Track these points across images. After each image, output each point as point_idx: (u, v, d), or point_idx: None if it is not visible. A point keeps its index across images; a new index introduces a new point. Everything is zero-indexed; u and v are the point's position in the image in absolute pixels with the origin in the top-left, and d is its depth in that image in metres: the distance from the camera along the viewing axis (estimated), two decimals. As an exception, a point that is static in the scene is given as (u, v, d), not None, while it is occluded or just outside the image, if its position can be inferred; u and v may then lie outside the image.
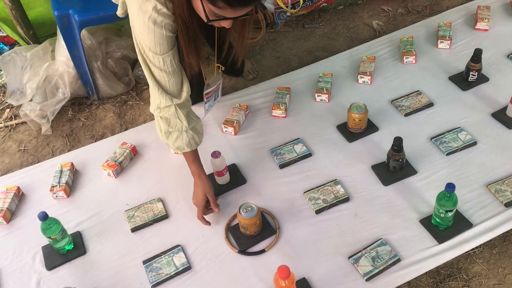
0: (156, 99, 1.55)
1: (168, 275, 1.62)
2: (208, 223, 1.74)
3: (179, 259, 1.66)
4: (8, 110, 2.55)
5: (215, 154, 1.81)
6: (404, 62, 2.34)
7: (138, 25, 1.42)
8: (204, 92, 1.96)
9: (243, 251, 1.67)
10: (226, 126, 2.08)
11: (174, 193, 1.88)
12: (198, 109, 2.07)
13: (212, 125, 2.14)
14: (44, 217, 1.61)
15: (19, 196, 1.94)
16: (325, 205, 1.76)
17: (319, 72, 2.30)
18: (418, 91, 2.17)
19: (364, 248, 1.62)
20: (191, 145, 1.65)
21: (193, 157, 1.70)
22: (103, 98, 2.51)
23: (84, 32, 2.35)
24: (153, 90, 1.54)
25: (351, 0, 2.99)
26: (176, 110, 1.57)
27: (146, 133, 2.15)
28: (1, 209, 1.84)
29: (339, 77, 2.31)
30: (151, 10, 1.37)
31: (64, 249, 1.71)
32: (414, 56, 2.32)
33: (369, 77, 2.24)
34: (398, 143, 1.75)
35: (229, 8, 1.26)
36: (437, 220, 1.62)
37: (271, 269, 1.57)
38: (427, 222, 1.67)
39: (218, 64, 1.95)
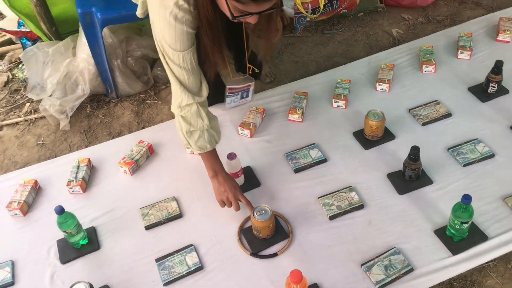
0: (178, 97, 1.56)
1: (180, 274, 1.63)
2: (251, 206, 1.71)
3: (191, 259, 1.67)
4: (28, 104, 2.59)
5: (231, 156, 1.81)
6: (423, 71, 2.33)
7: (159, 22, 1.43)
8: (227, 86, 1.95)
9: (255, 253, 1.67)
10: (242, 128, 2.09)
11: (188, 193, 1.89)
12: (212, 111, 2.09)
13: (228, 127, 2.15)
14: (60, 211, 1.63)
15: (36, 190, 1.97)
16: (339, 211, 1.76)
17: (337, 78, 2.30)
18: (437, 100, 2.16)
19: (377, 256, 1.61)
20: (212, 143, 1.67)
21: (215, 155, 1.72)
22: (121, 96, 2.54)
23: (105, 30, 2.38)
24: (175, 88, 1.55)
25: (371, 8, 2.99)
26: (198, 108, 1.58)
27: (163, 132, 2.17)
28: (19, 202, 1.86)
29: (357, 84, 2.31)
30: (173, 6, 1.38)
31: (79, 243, 1.73)
32: (434, 66, 2.31)
33: (387, 85, 2.23)
34: (415, 152, 1.74)
35: (252, 2, 1.26)
36: (452, 231, 1.61)
37: (283, 273, 1.57)
38: (441, 233, 1.66)
39: (250, 65, 1.95)
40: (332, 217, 1.75)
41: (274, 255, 1.66)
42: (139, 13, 1.83)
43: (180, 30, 1.43)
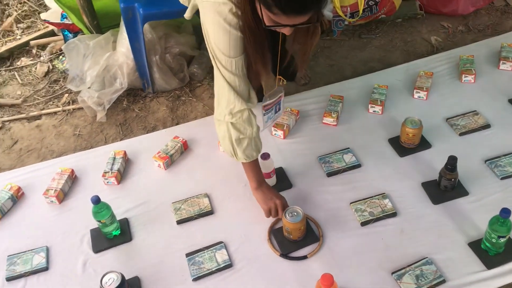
0: (230, 104, 1.54)
1: (210, 271, 1.64)
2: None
3: (221, 256, 1.68)
4: (66, 95, 2.65)
5: (265, 156, 1.82)
6: (462, 81, 2.28)
7: (213, 28, 1.44)
8: (263, 104, 1.95)
9: (285, 255, 1.67)
10: (276, 129, 2.10)
11: (220, 190, 1.91)
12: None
13: (262, 127, 2.15)
14: (96, 201, 1.66)
15: (73, 179, 2.01)
16: (371, 218, 1.74)
17: (375, 83, 2.28)
18: (475, 111, 2.12)
19: (409, 265, 1.59)
20: (257, 152, 1.68)
21: (258, 164, 1.73)
22: (157, 92, 2.58)
23: (146, 26, 2.42)
24: (227, 94, 1.53)
25: (410, 14, 2.95)
26: (249, 115, 1.58)
27: (197, 129, 2.19)
28: (55, 189, 1.91)
29: (393, 90, 2.28)
30: (228, 12, 1.39)
31: (112, 234, 1.76)
32: (474, 75, 2.26)
33: (425, 93, 2.20)
34: (452, 162, 1.71)
35: (283, 15, 1.26)
36: (488, 244, 1.58)
37: (312, 276, 1.57)
38: (476, 246, 1.62)
39: (280, 77, 1.95)
40: (364, 223, 1.73)
41: (304, 257, 1.66)
42: (187, 16, 1.83)
43: (234, 36, 1.43)
